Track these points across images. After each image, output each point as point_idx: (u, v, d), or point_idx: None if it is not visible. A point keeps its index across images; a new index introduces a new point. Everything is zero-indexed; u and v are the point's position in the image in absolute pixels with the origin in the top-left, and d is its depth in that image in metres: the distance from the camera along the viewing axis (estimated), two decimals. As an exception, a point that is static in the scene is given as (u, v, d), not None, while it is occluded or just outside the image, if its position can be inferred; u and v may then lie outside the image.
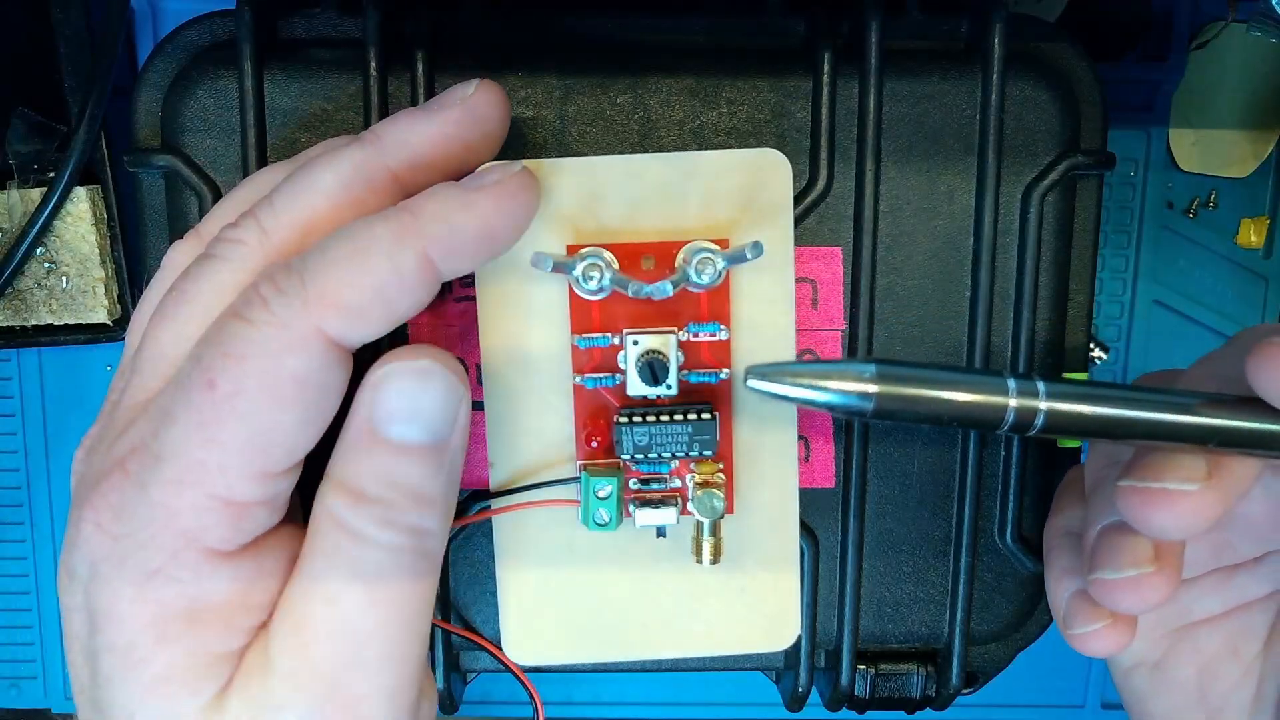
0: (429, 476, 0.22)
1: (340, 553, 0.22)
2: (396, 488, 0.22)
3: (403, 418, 0.22)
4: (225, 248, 0.23)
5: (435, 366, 0.22)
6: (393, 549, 0.22)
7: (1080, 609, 0.25)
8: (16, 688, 0.39)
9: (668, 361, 0.26)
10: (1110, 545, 0.24)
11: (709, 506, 0.26)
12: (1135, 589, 0.23)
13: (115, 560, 0.21)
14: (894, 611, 0.30)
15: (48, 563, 0.38)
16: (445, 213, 0.22)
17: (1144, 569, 0.23)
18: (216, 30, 0.29)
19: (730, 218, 0.26)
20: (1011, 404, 0.21)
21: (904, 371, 0.21)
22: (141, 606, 0.21)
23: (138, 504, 0.21)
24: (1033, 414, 0.21)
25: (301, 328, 0.21)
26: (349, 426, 0.22)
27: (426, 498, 0.22)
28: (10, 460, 0.38)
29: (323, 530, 0.22)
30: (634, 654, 0.28)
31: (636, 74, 0.28)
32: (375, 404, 0.22)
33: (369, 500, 0.22)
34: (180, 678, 0.21)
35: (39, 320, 0.34)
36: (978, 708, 0.40)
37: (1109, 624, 0.25)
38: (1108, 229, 0.37)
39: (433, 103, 0.24)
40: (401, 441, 0.22)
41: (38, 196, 0.33)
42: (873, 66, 0.28)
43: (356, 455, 0.22)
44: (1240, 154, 0.37)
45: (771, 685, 0.33)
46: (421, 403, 0.22)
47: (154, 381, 0.23)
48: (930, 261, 0.29)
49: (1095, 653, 0.25)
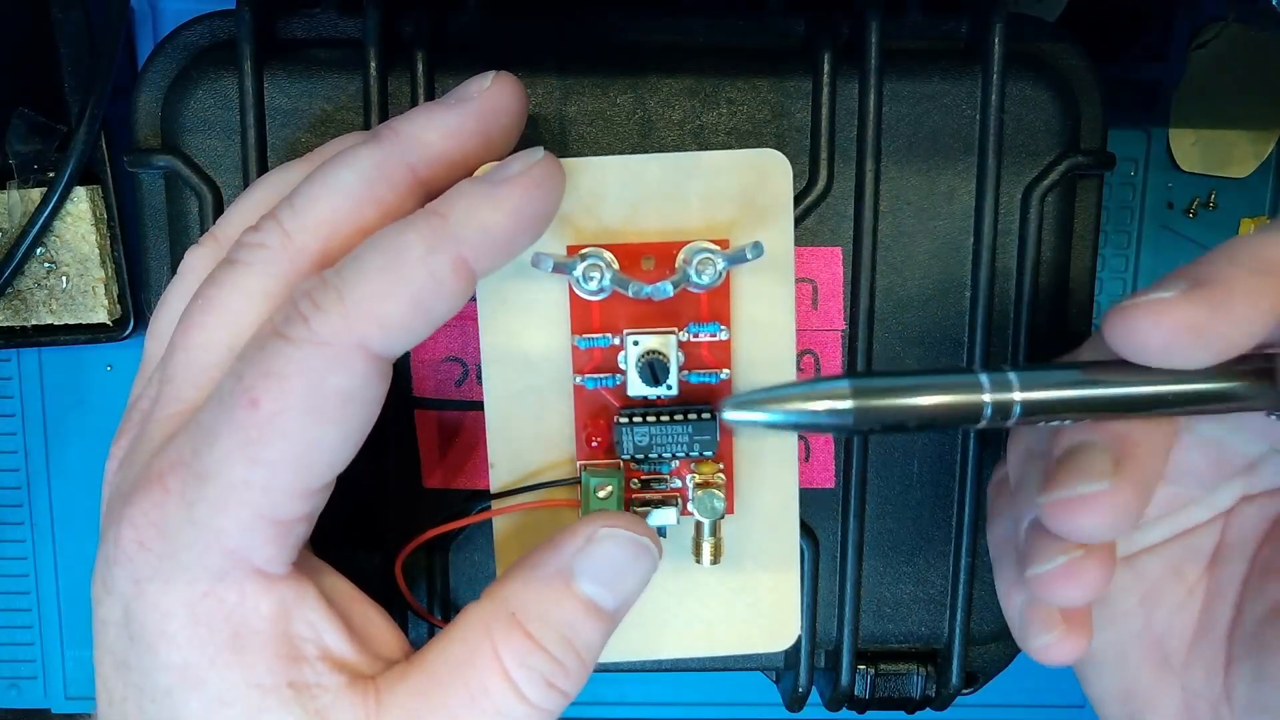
0: (598, 643, 0.23)
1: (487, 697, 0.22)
2: (571, 647, 0.22)
3: (604, 580, 0.23)
4: (248, 252, 0.23)
5: (651, 546, 0.24)
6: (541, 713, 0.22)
7: (1033, 619, 0.24)
8: (16, 688, 0.39)
9: (668, 362, 0.26)
10: (1038, 538, 0.23)
11: (709, 507, 0.26)
12: (1069, 577, 0.22)
13: (161, 580, 0.21)
14: (894, 611, 0.30)
15: (48, 563, 0.38)
16: (475, 213, 0.22)
17: (1074, 554, 0.22)
18: (216, 30, 0.29)
19: (730, 218, 0.26)
20: (986, 399, 0.21)
21: (878, 384, 0.21)
22: (193, 629, 0.21)
23: (182, 523, 0.21)
24: (1009, 405, 0.21)
25: (343, 344, 0.21)
26: (542, 560, 0.23)
27: (589, 665, 0.23)
28: (10, 460, 0.38)
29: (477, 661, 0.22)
30: (634, 654, 0.28)
31: (636, 74, 0.28)
32: (584, 556, 0.23)
33: (541, 651, 0.22)
34: (239, 702, 0.21)
35: (39, 320, 0.34)
36: (978, 708, 0.40)
37: (1063, 631, 0.24)
38: (1108, 229, 0.37)
39: (450, 96, 0.24)
40: (592, 601, 0.23)
41: (38, 196, 0.33)
42: (873, 66, 0.28)
43: (541, 593, 0.23)
44: (1240, 154, 0.37)
45: (771, 685, 0.33)
46: (628, 574, 0.23)
47: (188, 391, 0.23)
48: (930, 261, 0.29)
49: (1055, 663, 0.24)
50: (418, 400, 0.28)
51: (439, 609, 0.29)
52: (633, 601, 0.24)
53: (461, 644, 0.22)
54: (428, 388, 0.28)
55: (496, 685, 0.22)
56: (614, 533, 0.23)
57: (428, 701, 0.22)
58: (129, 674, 0.22)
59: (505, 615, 0.22)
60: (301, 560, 0.23)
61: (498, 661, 0.22)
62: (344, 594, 0.24)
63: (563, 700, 0.22)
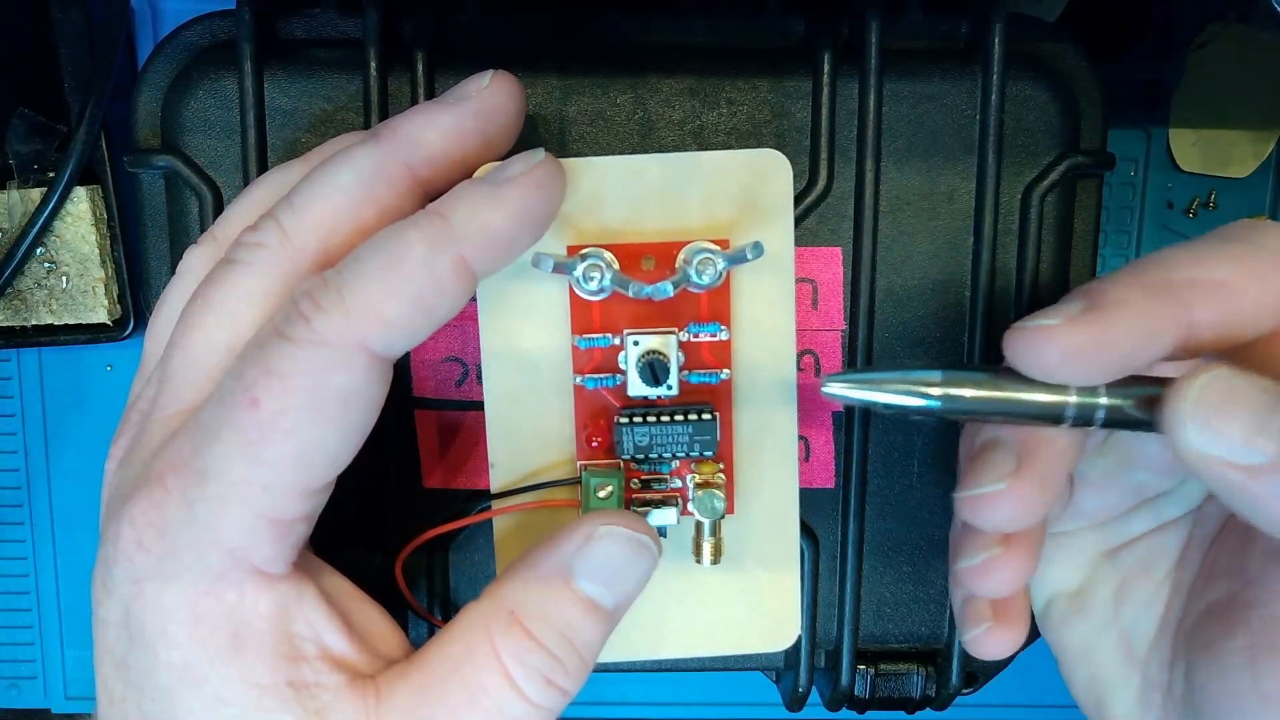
0: (598, 642, 0.23)
1: (486, 695, 0.22)
2: (571, 645, 0.22)
3: (603, 579, 0.23)
4: (247, 252, 0.23)
5: (651, 544, 0.23)
6: (541, 711, 0.22)
7: (967, 613, 0.26)
8: (16, 688, 0.39)
9: (668, 362, 0.26)
10: (964, 534, 0.25)
11: (709, 507, 0.26)
12: (984, 574, 0.24)
13: (161, 579, 0.21)
14: (894, 611, 0.30)
15: (48, 563, 0.38)
16: (476, 213, 0.22)
17: (992, 552, 0.24)
18: (216, 30, 0.29)
19: (730, 218, 0.26)
20: (1071, 400, 0.22)
21: (967, 376, 0.23)
22: (193, 628, 0.21)
23: (182, 522, 0.21)
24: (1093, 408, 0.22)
25: (344, 344, 0.21)
26: (541, 559, 0.23)
27: (589, 663, 0.23)
28: (10, 460, 0.38)
29: (476, 659, 0.22)
30: (634, 654, 0.28)
31: (636, 74, 0.28)
32: (583, 554, 0.23)
33: (540, 649, 0.22)
34: (240, 701, 0.21)
35: (39, 320, 0.34)
36: (978, 708, 0.40)
37: (991, 626, 0.25)
38: (1108, 229, 0.37)
39: (448, 95, 0.24)
40: (591, 600, 0.23)
41: (38, 196, 0.33)
42: (873, 66, 0.28)
43: (540, 592, 0.22)
44: (1240, 154, 0.37)
45: (771, 685, 0.33)
46: (627, 572, 0.23)
47: (187, 392, 0.23)
48: (930, 261, 0.29)
49: (986, 655, 0.26)
50: (418, 400, 0.28)
51: (439, 609, 0.29)
52: (632, 599, 0.24)
53: (461, 643, 0.22)
54: (428, 388, 0.28)
55: (496, 683, 0.22)
56: (613, 531, 0.23)
57: (427, 699, 0.22)
58: (128, 673, 0.22)
59: (504, 614, 0.22)
60: (302, 560, 0.23)
61: (497, 659, 0.22)
62: (344, 593, 0.24)
63: (562, 698, 0.22)
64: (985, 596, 0.25)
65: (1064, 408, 0.22)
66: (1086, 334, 0.21)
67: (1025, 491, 0.23)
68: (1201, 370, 0.21)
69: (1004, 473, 0.23)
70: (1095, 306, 0.21)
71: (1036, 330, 0.22)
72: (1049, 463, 0.23)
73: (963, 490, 0.24)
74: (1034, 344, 0.22)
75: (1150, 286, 0.22)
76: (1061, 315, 0.22)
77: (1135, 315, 0.21)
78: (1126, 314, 0.21)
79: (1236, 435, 0.20)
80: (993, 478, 0.23)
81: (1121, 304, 0.21)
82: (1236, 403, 0.21)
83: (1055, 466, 0.23)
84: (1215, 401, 0.21)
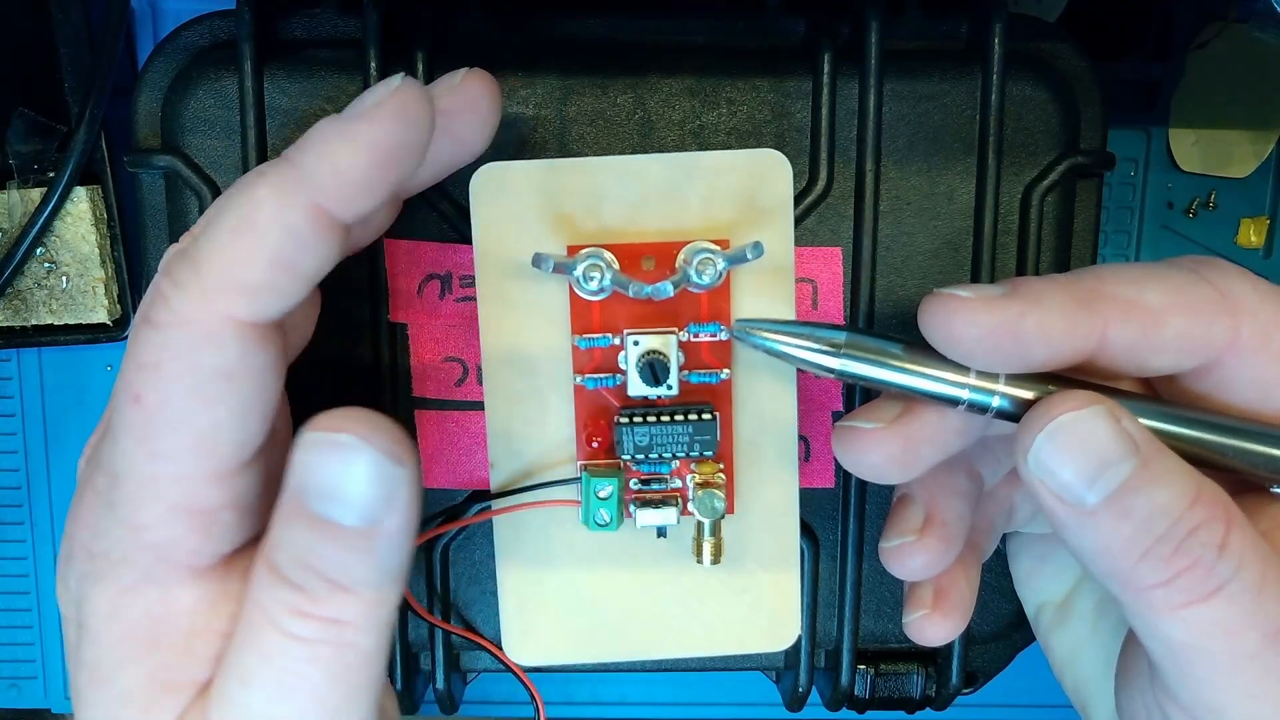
0: (352, 563, 0.20)
1: (256, 633, 0.20)
2: (312, 572, 0.20)
3: (324, 494, 0.19)
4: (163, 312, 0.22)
5: (356, 442, 0.19)
6: (305, 642, 0.20)
7: (909, 597, 0.27)
8: (16, 688, 0.39)
9: (668, 362, 0.26)
10: (891, 517, 0.26)
11: (709, 507, 0.26)
12: (900, 556, 0.25)
13: (94, 577, 0.21)
14: (894, 611, 0.30)
15: (48, 563, 0.38)
16: (327, 155, 0.20)
17: (907, 538, 0.25)
18: (216, 30, 0.29)
19: (730, 218, 0.26)
20: (969, 383, 0.23)
21: (873, 342, 0.23)
22: (112, 624, 0.21)
23: (110, 522, 0.21)
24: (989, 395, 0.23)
25: (208, 319, 0.20)
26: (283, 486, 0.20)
27: (345, 587, 0.20)
28: (10, 460, 0.38)
29: (250, 599, 0.20)
30: (634, 654, 0.28)
31: (636, 74, 0.28)
32: (301, 469, 0.20)
33: (284, 582, 0.20)
34: (140, 701, 0.21)
35: (39, 320, 0.34)
36: (978, 708, 0.40)
37: (928, 614, 0.26)
38: (1108, 229, 0.37)
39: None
40: (325, 518, 0.20)
41: (38, 196, 0.33)
42: (873, 66, 0.28)
43: (278, 523, 0.20)
44: (1240, 154, 0.37)
45: (771, 685, 0.33)
46: (344, 481, 0.19)
47: None
48: (930, 261, 0.29)
49: (925, 641, 0.26)
50: (418, 400, 0.28)
51: (439, 609, 0.29)
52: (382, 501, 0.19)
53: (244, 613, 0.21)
54: (428, 388, 0.28)
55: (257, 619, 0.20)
56: (313, 438, 0.19)
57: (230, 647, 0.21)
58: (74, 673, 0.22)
59: (262, 562, 0.20)
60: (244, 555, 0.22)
61: (254, 593, 0.20)
62: None
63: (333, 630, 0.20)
64: (902, 576, 0.26)
65: (961, 388, 0.23)
66: (994, 317, 0.22)
67: (932, 543, 0.25)
68: (1070, 403, 0.21)
69: (913, 528, 0.25)
70: (1014, 295, 0.22)
71: (949, 298, 0.22)
72: (953, 514, 0.25)
73: (883, 541, 0.26)
74: (943, 311, 0.22)
75: (1074, 292, 0.22)
76: (978, 292, 0.22)
77: (1048, 313, 0.22)
78: (1040, 310, 0.22)
79: (1068, 478, 0.21)
80: (902, 532, 0.25)
81: (1039, 300, 0.22)
82: (1083, 449, 0.21)
83: (958, 516, 0.25)
84: (1063, 442, 0.21)
